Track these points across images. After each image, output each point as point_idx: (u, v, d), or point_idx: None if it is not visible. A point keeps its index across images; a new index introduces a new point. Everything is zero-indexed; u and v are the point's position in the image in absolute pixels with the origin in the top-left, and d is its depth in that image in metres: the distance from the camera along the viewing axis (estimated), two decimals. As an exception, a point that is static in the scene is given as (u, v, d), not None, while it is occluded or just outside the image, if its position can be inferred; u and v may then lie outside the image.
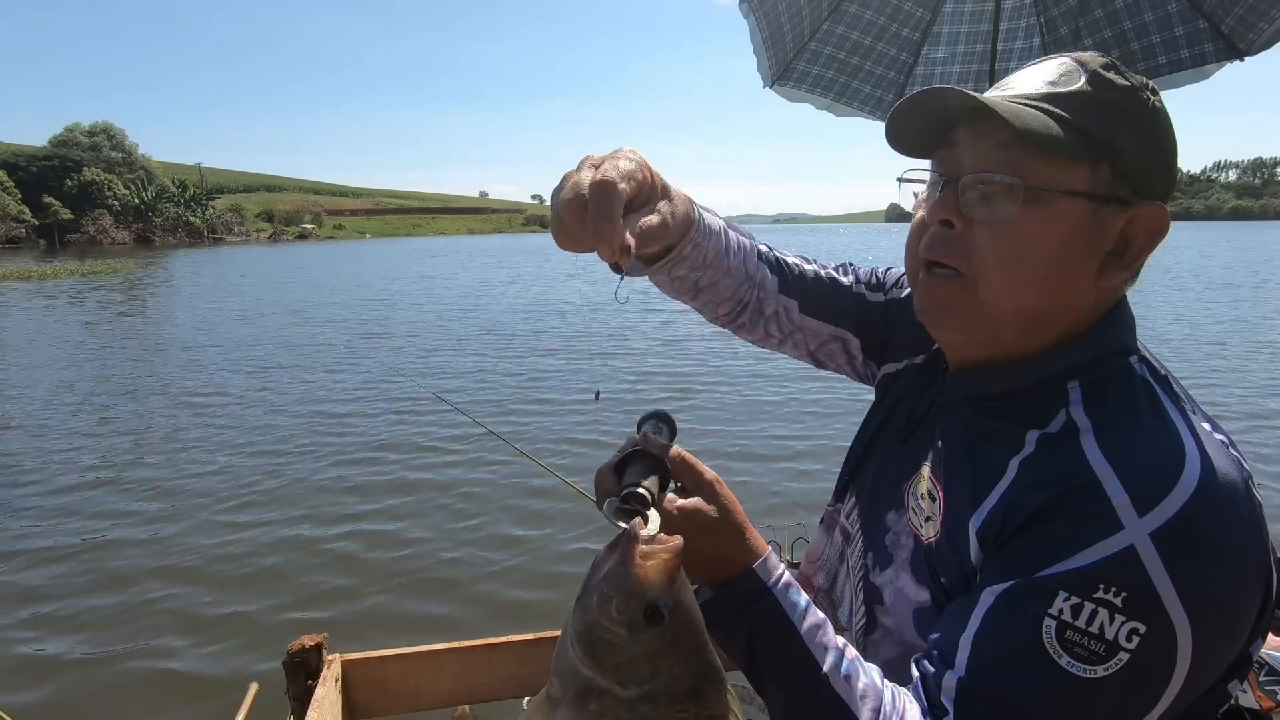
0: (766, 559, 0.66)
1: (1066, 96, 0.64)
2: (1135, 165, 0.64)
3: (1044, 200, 0.63)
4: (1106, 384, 0.65)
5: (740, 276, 0.90)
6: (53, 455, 5.31)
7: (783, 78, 2.73)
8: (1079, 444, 0.61)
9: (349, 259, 38.27)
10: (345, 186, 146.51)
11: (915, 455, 0.78)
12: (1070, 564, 0.56)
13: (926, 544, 0.72)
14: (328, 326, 11.96)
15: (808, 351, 0.98)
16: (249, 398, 6.98)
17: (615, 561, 0.55)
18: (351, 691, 1.28)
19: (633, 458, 0.65)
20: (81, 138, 75.79)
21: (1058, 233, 0.63)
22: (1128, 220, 0.64)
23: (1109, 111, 0.63)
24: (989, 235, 0.64)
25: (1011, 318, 0.66)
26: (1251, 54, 2.24)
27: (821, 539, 0.94)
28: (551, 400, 6.68)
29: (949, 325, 0.71)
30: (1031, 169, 0.63)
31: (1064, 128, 0.62)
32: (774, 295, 0.93)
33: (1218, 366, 7.88)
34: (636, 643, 0.53)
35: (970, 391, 0.73)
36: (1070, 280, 0.65)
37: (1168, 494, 0.56)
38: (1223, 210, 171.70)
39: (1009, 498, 0.62)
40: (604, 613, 0.53)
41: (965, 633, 0.60)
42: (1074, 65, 0.66)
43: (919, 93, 0.67)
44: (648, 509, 0.59)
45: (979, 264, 0.65)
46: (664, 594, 0.53)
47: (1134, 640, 0.54)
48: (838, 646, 0.65)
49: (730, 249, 0.87)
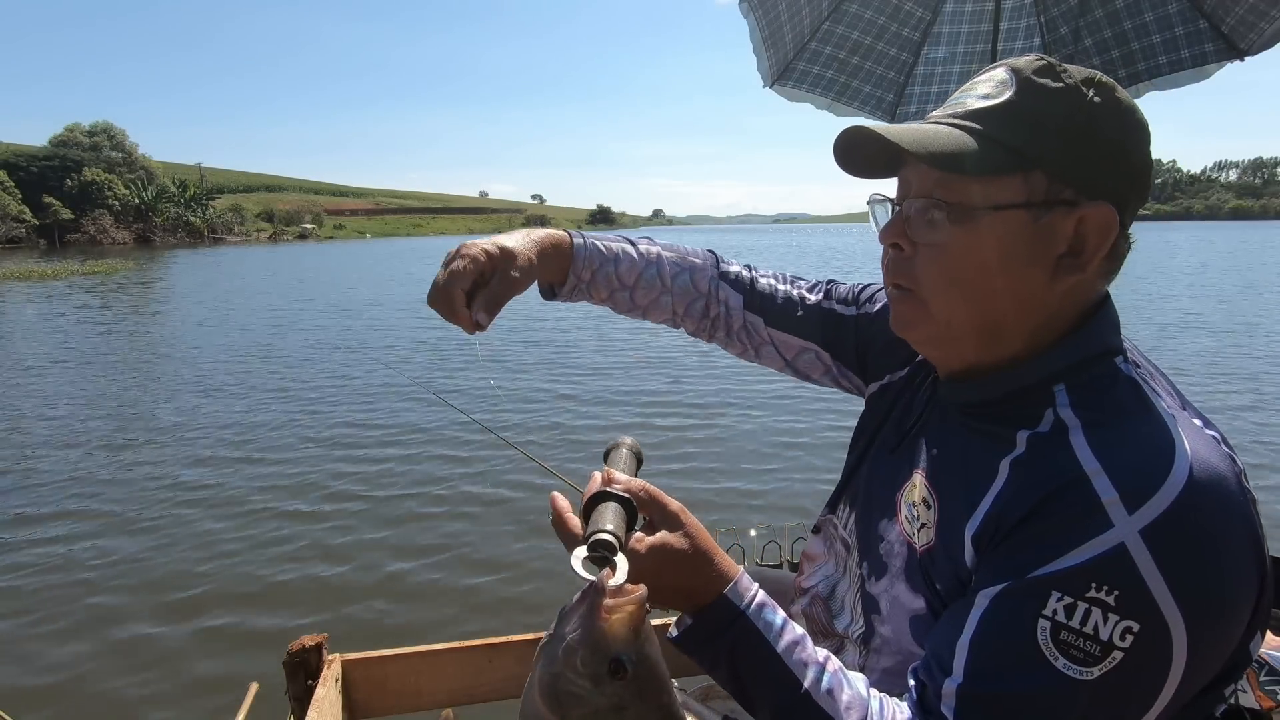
0: (738, 582, 0.67)
1: (988, 112, 0.65)
2: (1074, 166, 0.63)
3: (973, 218, 0.64)
4: (1093, 384, 0.65)
5: (688, 294, 1.02)
6: (52, 455, 5.31)
7: (783, 78, 2.74)
8: (1069, 442, 0.61)
9: (352, 259, 38.25)
10: (345, 186, 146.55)
11: (907, 464, 0.78)
12: (1061, 564, 0.56)
13: (921, 552, 0.72)
14: (328, 327, 11.97)
15: (785, 362, 1.06)
16: (248, 397, 6.98)
17: (581, 614, 0.56)
18: (351, 691, 1.28)
19: (597, 499, 0.66)
20: (82, 138, 75.74)
21: (993, 247, 0.64)
22: (1078, 221, 0.64)
23: (1032, 120, 0.63)
24: (929, 256, 0.67)
25: (965, 331, 0.68)
26: (1251, 54, 2.24)
27: (819, 546, 0.94)
28: (552, 400, 6.68)
29: (913, 340, 0.75)
30: (959, 189, 0.64)
31: (981, 144, 0.63)
32: (739, 311, 1.03)
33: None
34: (601, 695, 0.54)
35: (958, 399, 0.73)
36: (1021, 287, 0.65)
37: (1157, 490, 0.55)
38: (1223, 210, 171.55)
39: (1002, 500, 0.62)
40: (569, 665, 0.55)
41: (961, 638, 0.60)
42: (1007, 75, 0.66)
43: (847, 130, 0.70)
44: (615, 554, 0.60)
45: (925, 284, 0.68)
46: (628, 648, 0.54)
47: (1128, 639, 0.54)
48: (818, 661, 0.65)
49: (664, 272, 1.01)
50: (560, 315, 11.90)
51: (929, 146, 0.63)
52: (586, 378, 7.65)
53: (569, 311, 11.74)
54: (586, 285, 0.98)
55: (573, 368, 8.20)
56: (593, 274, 0.97)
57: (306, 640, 1.24)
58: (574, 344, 9.82)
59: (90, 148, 74.83)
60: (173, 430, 5.90)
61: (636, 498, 0.67)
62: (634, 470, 0.75)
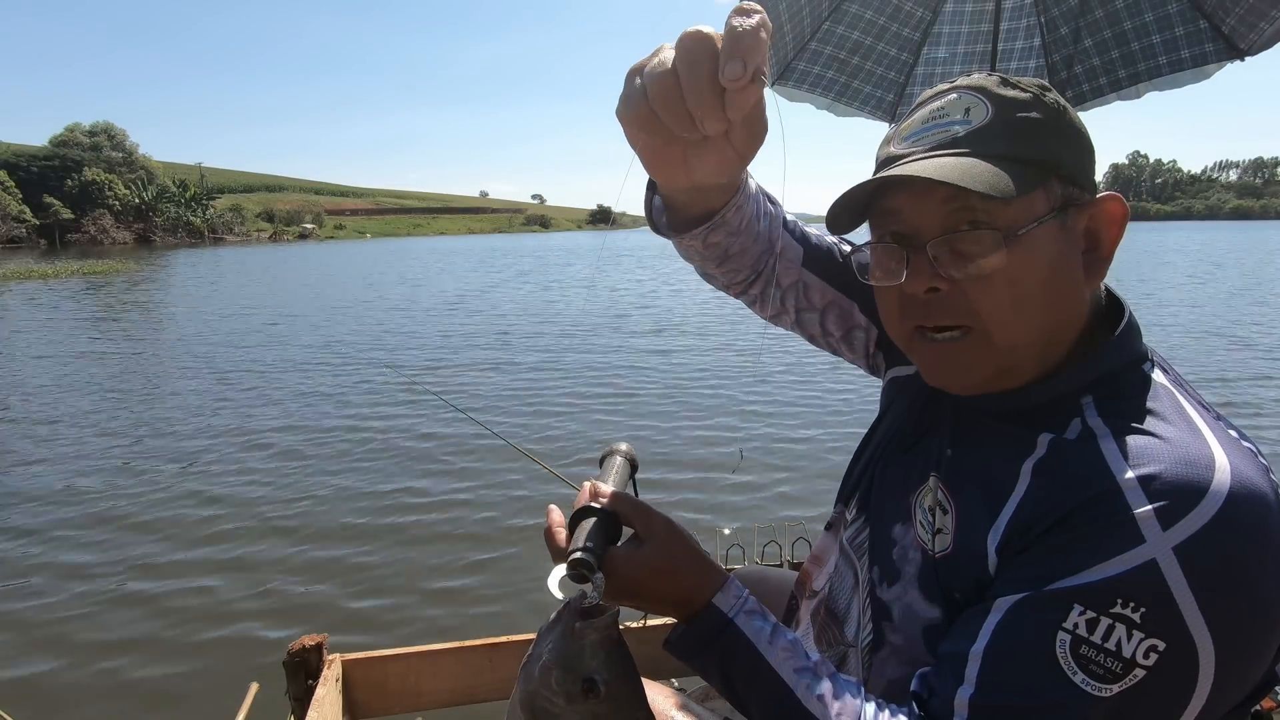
0: (726, 589, 0.67)
1: (983, 134, 0.63)
2: (1076, 165, 0.65)
3: (1020, 238, 0.62)
4: (1125, 392, 0.63)
5: (765, 244, 0.86)
6: (51, 453, 5.31)
7: (783, 78, 2.73)
8: (1098, 449, 0.59)
9: (353, 259, 38.26)
10: (345, 186, 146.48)
11: (921, 466, 0.75)
12: (1086, 576, 0.54)
13: (936, 558, 0.69)
14: (329, 327, 11.96)
15: (821, 330, 0.94)
16: (248, 397, 6.97)
17: (557, 634, 0.58)
18: (351, 691, 1.28)
19: (581, 515, 0.67)
20: (82, 137, 75.75)
21: (1043, 259, 0.63)
22: (1089, 216, 0.65)
23: (1030, 130, 0.63)
24: (984, 287, 0.63)
25: (1029, 350, 0.65)
26: (1252, 54, 2.23)
27: (827, 543, 0.92)
28: (553, 400, 6.68)
29: (970, 383, 0.68)
30: (996, 214, 0.62)
31: (1008, 163, 0.61)
32: (795, 267, 0.90)
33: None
34: (575, 713, 0.56)
35: (980, 406, 0.71)
36: (1068, 292, 0.65)
37: (1195, 506, 0.53)
38: (1223, 210, 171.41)
39: (1026, 508, 0.61)
40: (544, 683, 0.57)
41: (975, 646, 0.59)
42: (973, 96, 0.65)
43: (861, 184, 0.66)
44: (593, 573, 0.62)
45: (987, 315, 0.64)
46: (600, 668, 0.57)
47: (1151, 657, 0.52)
48: (809, 667, 0.65)
49: (762, 214, 0.83)
50: (563, 315, 11.88)
51: (973, 182, 0.59)
52: (587, 378, 7.64)
53: (571, 311, 11.73)
54: (717, 224, 0.77)
55: (573, 368, 8.19)
56: (735, 211, 0.77)
57: (306, 640, 1.24)
58: (575, 344, 9.81)
59: (90, 147, 74.84)
60: (172, 430, 5.90)
61: (621, 510, 0.68)
62: (627, 476, 0.76)
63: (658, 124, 0.52)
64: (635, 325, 11.33)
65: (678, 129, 0.52)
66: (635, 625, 1.49)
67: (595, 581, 0.61)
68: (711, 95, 0.49)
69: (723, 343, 9.62)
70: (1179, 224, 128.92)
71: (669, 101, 0.50)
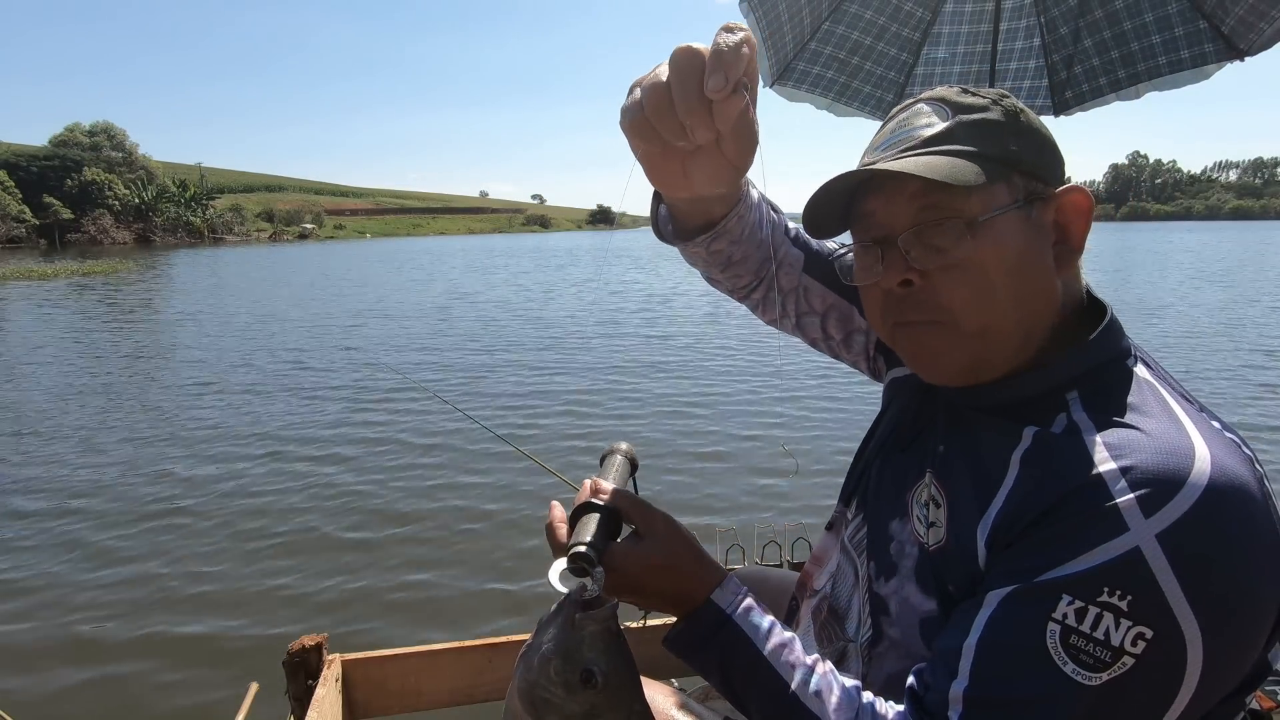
0: (724, 587, 0.69)
1: (947, 134, 0.67)
2: (1037, 161, 0.67)
3: (984, 226, 0.65)
4: (1109, 386, 0.65)
5: (767, 251, 0.90)
6: (50, 454, 5.31)
7: (783, 78, 2.73)
8: (1083, 442, 0.60)
9: (352, 259, 38.26)
10: (345, 186, 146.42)
11: (918, 462, 0.77)
12: (1073, 567, 0.55)
13: (932, 552, 0.71)
14: (329, 326, 11.97)
15: (823, 333, 0.98)
16: (248, 397, 6.98)
17: (556, 625, 0.60)
18: (351, 691, 1.28)
19: (582, 510, 0.68)
20: (82, 138, 75.70)
21: (1011, 249, 0.65)
22: (1055, 209, 0.68)
23: (990, 129, 0.67)
24: (953, 278, 0.66)
25: (1004, 339, 0.67)
26: (1251, 54, 2.24)
27: (828, 542, 0.93)
28: (554, 400, 6.68)
29: (945, 372, 0.71)
30: (960, 206, 0.65)
31: (968, 159, 0.65)
32: (796, 272, 0.94)
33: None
34: (574, 702, 0.58)
35: (969, 402, 0.73)
36: (1039, 283, 0.67)
37: (1176, 494, 0.54)
38: (1223, 210, 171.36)
39: (1014, 500, 0.62)
40: (544, 673, 0.59)
41: (968, 640, 0.60)
42: (935, 105, 0.70)
43: (830, 181, 0.70)
44: (593, 567, 0.63)
45: (958, 306, 0.67)
46: (598, 659, 0.58)
47: (1139, 645, 0.53)
48: (806, 664, 0.66)
49: (764, 222, 0.88)
50: (564, 316, 11.89)
51: (934, 172, 0.64)
52: (588, 377, 7.65)
53: (571, 312, 11.73)
54: (719, 233, 0.82)
55: (573, 368, 8.20)
56: (737, 220, 0.82)
57: (306, 640, 1.24)
58: (575, 345, 9.81)
59: (90, 147, 74.79)
60: (172, 430, 5.90)
61: (621, 507, 0.69)
62: (627, 475, 0.77)
63: (654, 133, 0.57)
64: (635, 325, 11.34)
65: (670, 137, 0.57)
66: (635, 625, 1.49)
67: (595, 575, 0.62)
68: (700, 106, 0.53)
69: (723, 343, 9.63)
70: (1179, 224, 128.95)
71: (662, 112, 0.55)
